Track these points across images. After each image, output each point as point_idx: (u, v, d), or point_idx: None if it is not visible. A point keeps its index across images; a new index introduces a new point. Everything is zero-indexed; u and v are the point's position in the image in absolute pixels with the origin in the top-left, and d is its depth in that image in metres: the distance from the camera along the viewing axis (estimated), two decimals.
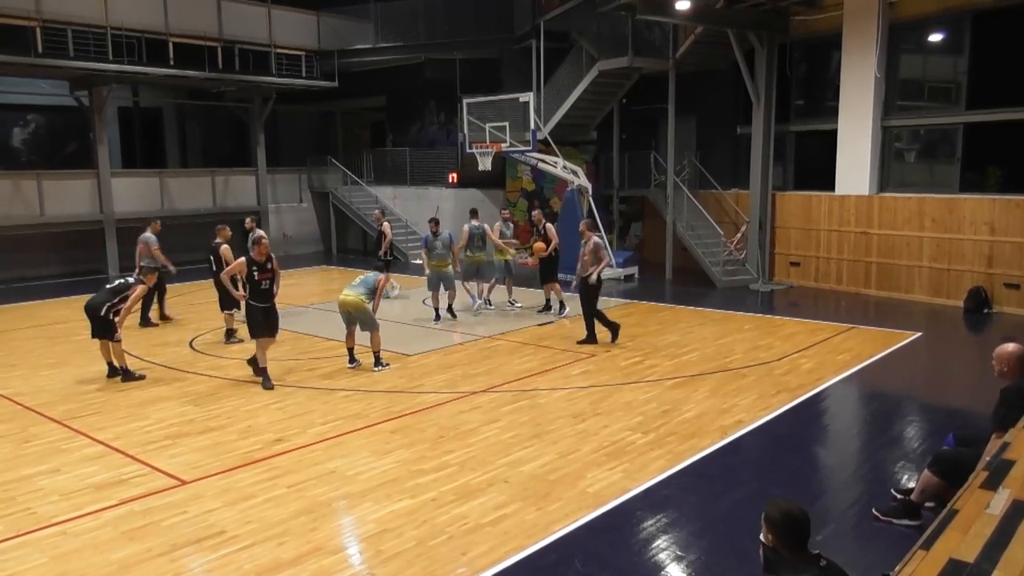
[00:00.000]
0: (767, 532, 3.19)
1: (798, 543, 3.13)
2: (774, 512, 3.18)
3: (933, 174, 14.72)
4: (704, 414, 7.69)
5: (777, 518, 3.15)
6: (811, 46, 15.85)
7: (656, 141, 18.97)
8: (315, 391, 8.63)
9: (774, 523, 3.15)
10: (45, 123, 22.00)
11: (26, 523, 5.44)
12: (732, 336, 11.20)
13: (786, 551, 3.13)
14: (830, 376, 9.04)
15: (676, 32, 16.32)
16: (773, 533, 3.16)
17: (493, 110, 16.56)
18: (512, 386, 8.74)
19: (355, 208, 22.26)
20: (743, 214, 16.51)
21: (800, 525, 3.14)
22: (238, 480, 6.17)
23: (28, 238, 17.71)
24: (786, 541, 3.13)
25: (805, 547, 3.15)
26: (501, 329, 11.78)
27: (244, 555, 4.96)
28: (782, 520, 3.14)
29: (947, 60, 14.30)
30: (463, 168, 19.97)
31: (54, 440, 7.19)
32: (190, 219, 20.56)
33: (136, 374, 9.21)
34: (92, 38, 16.70)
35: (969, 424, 6.82)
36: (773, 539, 3.16)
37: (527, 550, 4.99)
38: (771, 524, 3.17)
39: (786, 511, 3.16)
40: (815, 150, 15.98)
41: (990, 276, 12.91)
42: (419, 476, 6.20)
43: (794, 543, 3.13)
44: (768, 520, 3.19)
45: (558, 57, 18.96)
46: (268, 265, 8.65)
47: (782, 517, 3.14)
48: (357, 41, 21.39)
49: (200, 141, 24.85)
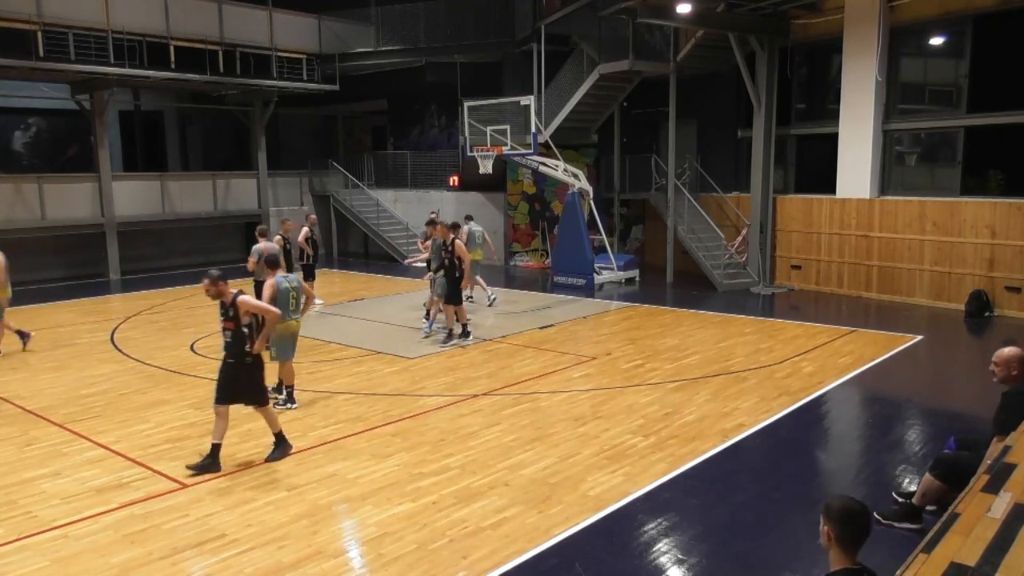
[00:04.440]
0: (824, 524, 3.06)
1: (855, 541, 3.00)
2: (834, 504, 3.04)
3: (934, 177, 14.72)
4: (705, 417, 7.68)
5: (836, 511, 3.01)
6: (812, 50, 15.87)
7: (657, 144, 19.00)
8: (316, 394, 8.63)
9: (831, 517, 3.01)
10: (46, 127, 22.03)
11: (27, 526, 5.44)
12: (733, 339, 11.19)
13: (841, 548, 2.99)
14: (831, 379, 9.04)
15: (677, 35, 16.34)
16: (830, 526, 3.02)
17: (494, 113, 16.57)
18: (513, 389, 8.74)
19: (356, 211, 22.29)
20: (744, 217, 16.52)
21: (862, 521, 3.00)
22: (239, 483, 6.17)
23: (29, 241, 17.71)
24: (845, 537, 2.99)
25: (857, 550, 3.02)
26: (502, 332, 11.78)
27: (245, 559, 4.95)
28: (840, 514, 3.00)
29: (948, 63, 14.31)
30: (464, 171, 19.97)
31: (55, 443, 7.19)
32: (191, 222, 20.62)
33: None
34: (93, 41, 16.72)
35: (970, 428, 6.81)
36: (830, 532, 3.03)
37: (528, 553, 4.99)
38: (829, 517, 3.02)
39: (845, 506, 3.02)
40: (816, 153, 15.99)
41: (991, 279, 12.90)
42: (420, 479, 6.20)
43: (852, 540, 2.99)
44: (827, 512, 3.04)
45: (559, 60, 18.99)
46: (230, 312, 6.44)
47: (840, 511, 3.00)
48: (358, 44, 21.42)
49: (201, 144, 24.87)
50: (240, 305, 6.38)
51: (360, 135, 26.51)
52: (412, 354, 10.43)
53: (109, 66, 16.92)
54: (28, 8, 15.76)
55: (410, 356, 10.33)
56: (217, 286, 6.37)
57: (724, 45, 15.46)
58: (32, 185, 17.73)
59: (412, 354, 10.43)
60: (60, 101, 19.47)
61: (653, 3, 13.83)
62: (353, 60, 21.32)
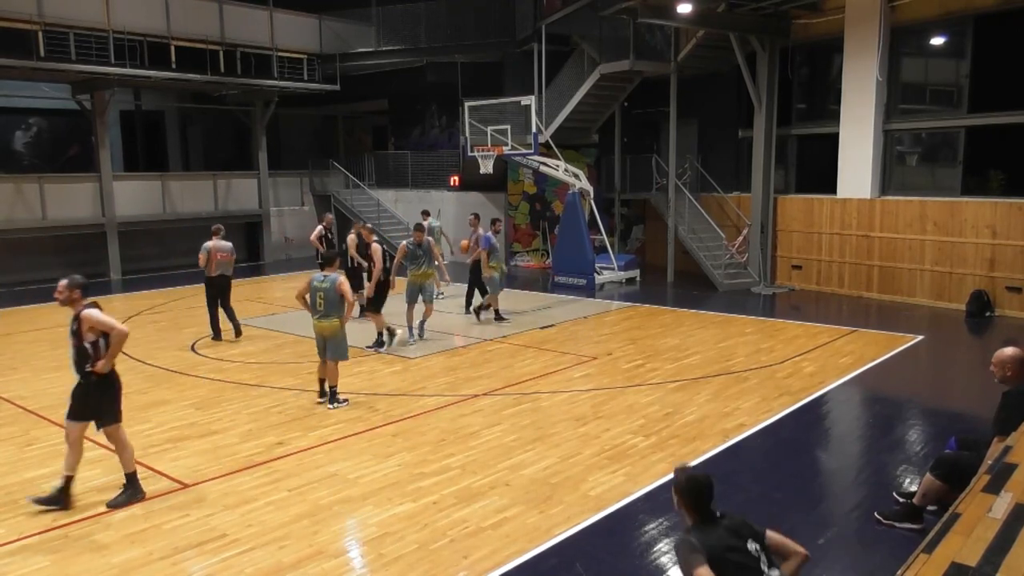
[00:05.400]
0: (676, 497, 3.57)
1: (702, 505, 3.49)
2: (680, 478, 3.56)
3: (935, 177, 14.71)
4: (706, 417, 7.68)
5: (682, 483, 3.53)
6: (812, 49, 15.86)
7: (658, 144, 19.00)
8: (316, 394, 8.62)
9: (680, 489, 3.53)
10: (47, 127, 22.04)
11: (28, 526, 5.44)
12: (734, 339, 11.19)
13: (693, 513, 3.50)
14: (832, 379, 9.04)
15: (678, 35, 16.34)
16: (680, 497, 3.53)
17: (495, 113, 16.58)
18: (514, 389, 8.74)
19: (357, 211, 22.28)
20: (745, 217, 16.51)
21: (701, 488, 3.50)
22: (239, 483, 6.17)
23: (30, 241, 17.73)
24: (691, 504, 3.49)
25: (708, 508, 3.50)
26: (503, 332, 11.78)
27: (245, 559, 4.96)
28: (686, 485, 3.51)
29: (949, 63, 14.30)
30: (465, 171, 19.98)
31: (56, 443, 7.16)
32: (191, 222, 20.62)
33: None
34: (94, 41, 16.73)
35: (971, 428, 6.81)
36: (680, 503, 3.54)
37: (529, 553, 4.99)
38: (678, 490, 3.55)
39: (690, 476, 3.54)
40: (817, 153, 15.99)
41: (992, 279, 12.89)
42: (420, 479, 6.20)
43: (698, 506, 3.49)
44: (675, 486, 3.57)
45: (559, 60, 19.00)
46: (73, 325, 5.73)
47: (686, 482, 3.52)
48: (359, 44, 21.42)
49: (202, 144, 24.88)
50: (84, 320, 5.65)
51: (361, 135, 26.52)
52: (412, 354, 10.44)
53: (110, 66, 16.93)
54: (29, 8, 15.77)
55: (411, 356, 10.34)
56: (70, 293, 5.70)
57: (725, 45, 15.46)
58: (33, 185, 17.74)
59: (412, 354, 10.44)
60: (61, 101, 19.48)
61: (654, 3, 13.83)
62: (354, 60, 21.32)
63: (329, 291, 7.97)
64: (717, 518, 3.48)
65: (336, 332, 8.09)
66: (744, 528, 3.45)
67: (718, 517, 3.49)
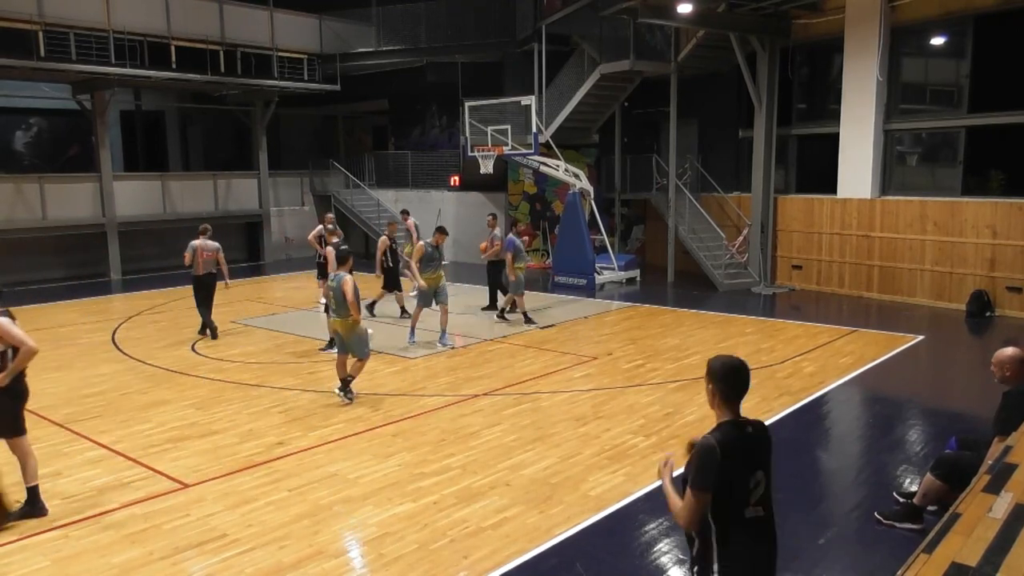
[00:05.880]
0: (709, 386, 3.34)
1: (739, 391, 3.27)
2: (714, 364, 3.33)
3: (935, 177, 14.71)
4: (706, 417, 7.66)
5: (717, 369, 3.30)
6: (813, 49, 15.86)
7: (658, 144, 19.00)
8: (317, 394, 8.62)
9: (715, 374, 3.31)
10: (47, 127, 22.04)
11: (28, 526, 5.43)
12: (734, 339, 11.19)
13: (724, 406, 3.28)
14: (832, 379, 9.04)
15: (678, 35, 16.34)
16: (713, 384, 3.30)
17: (495, 113, 16.58)
18: (514, 389, 8.74)
19: (357, 211, 22.29)
20: (745, 217, 16.51)
21: (738, 371, 3.27)
22: (240, 484, 6.17)
23: (30, 241, 17.73)
24: (725, 393, 3.28)
25: (739, 399, 3.28)
26: (503, 332, 11.78)
27: (246, 559, 4.96)
28: (722, 371, 3.29)
29: (949, 63, 14.30)
30: (465, 171, 19.98)
31: (56, 443, 7.19)
32: (192, 222, 20.59)
33: None
34: (94, 42, 16.73)
35: (971, 428, 6.80)
36: (714, 393, 3.31)
37: (529, 554, 4.99)
38: (712, 376, 3.31)
39: (725, 360, 3.32)
40: (817, 153, 15.99)
41: (992, 279, 12.89)
42: (421, 479, 6.20)
43: (735, 393, 3.27)
44: (708, 373, 3.34)
45: (560, 60, 18.99)
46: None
47: (722, 368, 3.30)
48: (359, 44, 21.42)
49: (202, 144, 24.88)
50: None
51: (361, 135, 26.51)
52: (413, 354, 10.44)
53: (110, 66, 16.93)
54: (29, 8, 15.77)
55: (411, 356, 10.34)
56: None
57: (725, 45, 15.46)
58: (33, 185, 17.74)
59: (413, 354, 10.44)
60: (61, 101, 19.47)
61: (654, 3, 13.83)
62: (354, 60, 21.32)
63: (336, 290, 8.10)
64: (742, 424, 3.26)
65: (351, 330, 8.19)
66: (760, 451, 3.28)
67: (743, 424, 3.26)
